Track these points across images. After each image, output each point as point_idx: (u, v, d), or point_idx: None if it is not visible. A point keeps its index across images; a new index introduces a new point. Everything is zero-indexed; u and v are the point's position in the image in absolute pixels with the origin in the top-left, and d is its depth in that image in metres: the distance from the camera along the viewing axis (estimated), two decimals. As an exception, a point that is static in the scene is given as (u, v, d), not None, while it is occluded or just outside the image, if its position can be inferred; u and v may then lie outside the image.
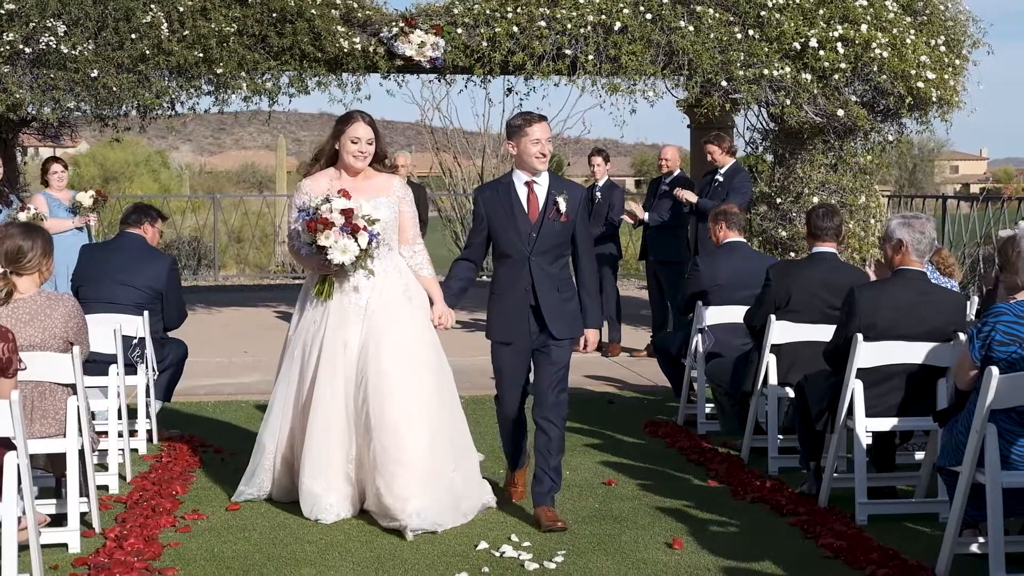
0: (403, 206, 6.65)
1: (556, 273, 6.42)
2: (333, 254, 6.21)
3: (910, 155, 62.95)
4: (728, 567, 5.65)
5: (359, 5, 12.12)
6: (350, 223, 6.20)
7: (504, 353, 6.46)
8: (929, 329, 6.44)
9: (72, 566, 5.48)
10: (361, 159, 6.54)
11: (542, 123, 6.38)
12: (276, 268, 24.27)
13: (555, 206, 6.33)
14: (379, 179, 6.64)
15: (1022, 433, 5.29)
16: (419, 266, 6.69)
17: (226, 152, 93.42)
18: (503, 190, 6.45)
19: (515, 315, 6.38)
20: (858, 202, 12.77)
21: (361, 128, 6.53)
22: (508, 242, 6.39)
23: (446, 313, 6.62)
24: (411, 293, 6.57)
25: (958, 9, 12.91)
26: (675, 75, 12.33)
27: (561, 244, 6.42)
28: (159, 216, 8.69)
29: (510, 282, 6.41)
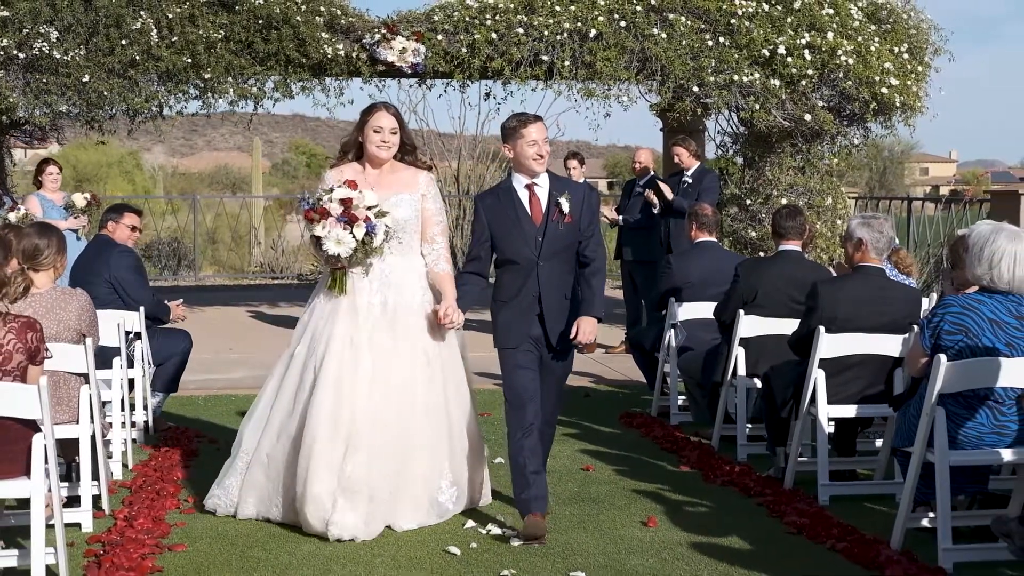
0: (426, 203, 6.40)
1: (564, 279, 6.19)
2: (327, 245, 6.01)
3: (880, 157, 63.69)
4: (699, 542, 6.06)
5: (342, 12, 12.49)
6: (348, 213, 5.98)
7: (513, 358, 6.18)
8: (886, 322, 6.87)
9: (87, 543, 5.85)
10: (385, 149, 6.32)
11: (538, 123, 6.19)
12: (255, 269, 24.56)
13: (557, 207, 6.12)
14: (405, 173, 6.42)
15: (968, 416, 5.72)
16: (434, 261, 6.41)
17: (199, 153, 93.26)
18: (504, 195, 6.24)
19: (522, 322, 6.15)
20: (825, 203, 13.22)
21: (384, 118, 6.32)
22: (514, 249, 6.16)
23: (454, 310, 6.29)
24: (427, 305, 6.34)
25: (920, 18, 13.39)
26: (648, 80, 12.75)
27: (568, 247, 6.18)
28: (125, 211, 8.78)
29: (516, 289, 6.16)
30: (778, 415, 7.31)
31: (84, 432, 6.04)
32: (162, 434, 8.48)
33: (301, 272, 22.90)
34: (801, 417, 7.05)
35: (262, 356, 12.14)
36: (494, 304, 6.27)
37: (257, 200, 28.56)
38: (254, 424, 6.44)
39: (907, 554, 5.73)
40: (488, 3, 12.56)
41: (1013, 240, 5.68)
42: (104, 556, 5.52)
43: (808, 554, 5.90)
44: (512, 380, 6.18)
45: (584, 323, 6.14)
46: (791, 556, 5.86)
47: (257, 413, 6.47)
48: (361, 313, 6.20)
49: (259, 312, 16.33)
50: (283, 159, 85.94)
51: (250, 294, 19.01)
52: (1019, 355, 5.66)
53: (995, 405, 5.71)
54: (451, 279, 6.39)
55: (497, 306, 6.26)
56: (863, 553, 5.78)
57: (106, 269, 8.34)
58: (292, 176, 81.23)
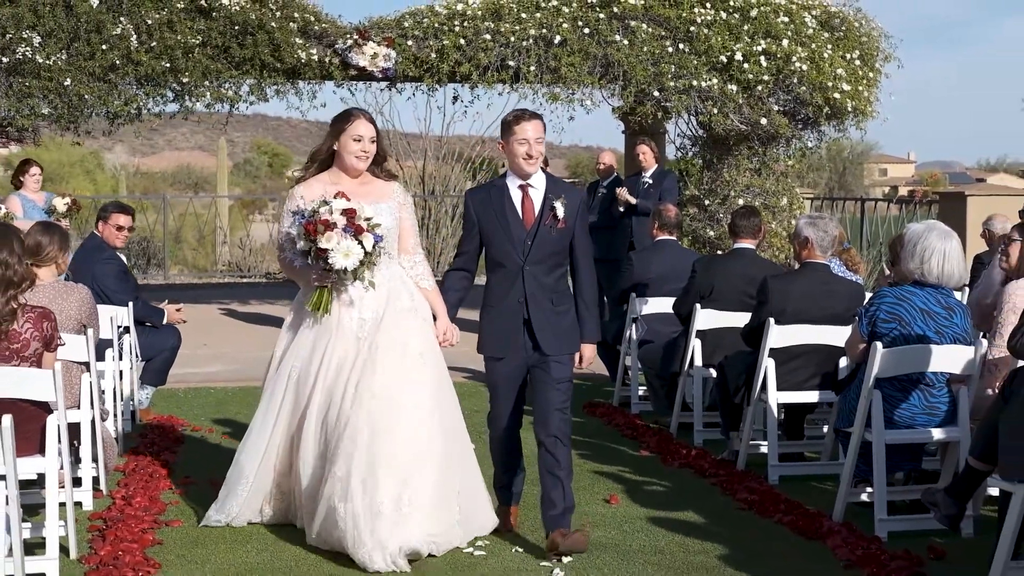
0: (403, 212, 6.17)
1: (552, 284, 5.95)
2: (335, 258, 5.72)
3: (840, 158, 64.56)
4: (657, 517, 6.56)
5: (316, 18, 12.88)
6: (353, 224, 5.74)
7: (497, 369, 6.01)
8: (831, 314, 7.38)
9: (89, 519, 6.28)
10: (364, 159, 6.04)
11: (532, 121, 5.91)
12: (223, 267, 24.86)
13: (552, 211, 5.87)
14: (377, 184, 6.15)
15: (902, 398, 6.27)
16: (420, 277, 6.21)
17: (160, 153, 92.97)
18: (496, 194, 5.97)
19: (508, 329, 5.94)
20: (780, 204, 13.75)
21: (363, 126, 6.01)
22: (501, 250, 5.93)
23: (450, 329, 6.16)
24: (416, 305, 6.11)
25: (871, 26, 13.93)
26: (611, 85, 13.23)
27: (558, 252, 5.95)
28: (113, 211, 9.09)
29: (503, 293, 5.94)
30: (732, 402, 7.82)
31: (85, 417, 6.46)
32: (148, 423, 8.88)
33: (269, 271, 23.28)
34: (753, 403, 7.55)
35: (235, 352, 12.62)
36: (483, 309, 6.06)
37: (222, 200, 28.85)
38: (253, 451, 6.20)
39: (847, 525, 6.26)
40: (457, 10, 13.01)
41: (943, 239, 6.22)
42: (107, 531, 5.97)
43: (757, 527, 6.42)
44: (494, 391, 6.09)
45: (585, 350, 6.06)
46: (742, 529, 6.37)
47: (254, 440, 6.23)
48: (350, 331, 5.96)
49: (230, 309, 16.71)
50: (245, 159, 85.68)
51: (220, 292, 19.36)
52: (947, 342, 6.22)
53: (926, 388, 6.27)
54: (439, 295, 6.21)
55: (485, 311, 6.04)
56: (808, 525, 6.30)
57: (91, 277, 8.57)
58: (254, 176, 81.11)
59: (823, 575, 5.62)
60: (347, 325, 5.97)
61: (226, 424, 9.11)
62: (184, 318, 9.38)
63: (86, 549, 5.78)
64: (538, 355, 5.93)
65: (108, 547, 5.68)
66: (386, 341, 5.90)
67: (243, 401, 10.04)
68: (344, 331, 5.97)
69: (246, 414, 9.36)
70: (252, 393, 10.26)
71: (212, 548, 5.93)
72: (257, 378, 10.89)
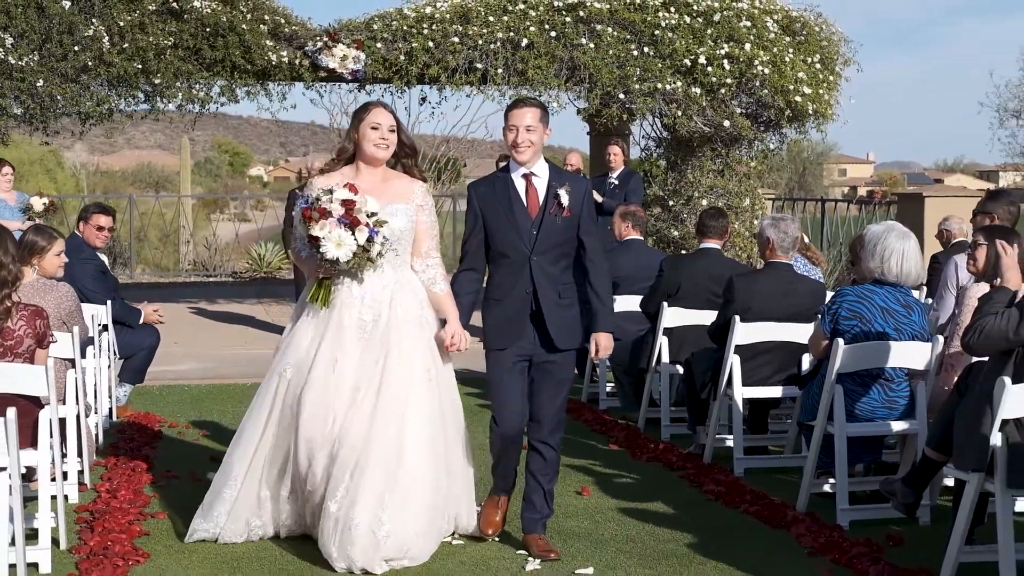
0: (421, 215, 5.96)
1: (558, 276, 5.84)
2: (326, 247, 5.60)
3: (800, 159, 65.15)
4: (627, 507, 6.79)
5: (286, 21, 13.06)
6: (349, 216, 5.60)
7: (502, 360, 5.85)
8: (794, 312, 7.64)
9: (75, 512, 6.43)
10: (383, 148, 5.88)
11: (521, 109, 5.84)
12: (188, 267, 24.89)
13: (556, 199, 5.78)
14: (400, 183, 5.99)
15: (863, 392, 6.53)
16: (431, 280, 5.98)
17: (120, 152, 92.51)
18: (500, 184, 5.88)
19: (514, 321, 5.81)
20: (743, 204, 14.04)
21: (381, 114, 5.91)
22: (506, 241, 5.82)
23: (460, 334, 5.92)
24: (425, 314, 5.94)
25: (831, 31, 14.25)
26: (577, 87, 13.48)
27: (564, 242, 5.85)
28: (93, 212, 9.24)
29: (509, 285, 5.83)
30: (698, 397, 8.05)
31: (70, 412, 6.61)
32: (126, 419, 9.02)
33: (235, 270, 23.37)
34: (719, 399, 7.79)
35: (207, 350, 12.76)
36: (485, 303, 5.94)
37: (186, 199, 28.88)
38: (241, 453, 6.00)
39: (810, 515, 6.51)
40: (425, 13, 13.22)
41: (902, 239, 6.50)
42: (95, 522, 6.13)
43: (724, 516, 6.66)
44: (497, 385, 5.90)
45: (601, 339, 5.95)
46: (710, 519, 6.61)
47: (243, 442, 6.02)
48: (349, 332, 5.79)
49: (199, 308, 16.81)
50: (206, 157, 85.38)
51: (187, 291, 19.42)
52: (906, 339, 6.49)
53: (886, 383, 6.53)
54: (452, 299, 5.98)
55: (488, 305, 5.91)
56: (772, 515, 6.55)
57: (70, 277, 8.74)
58: (215, 175, 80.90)
59: (787, 562, 5.85)
60: (347, 325, 5.79)
61: (203, 420, 9.26)
62: (162, 319, 9.52)
63: (75, 540, 5.94)
64: (543, 351, 5.83)
65: (97, 538, 5.84)
66: (394, 357, 5.75)
67: (217, 398, 10.22)
68: (343, 331, 5.79)
69: (221, 411, 9.60)
70: (226, 390, 10.51)
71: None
72: (230, 376, 11.22)
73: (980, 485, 5.29)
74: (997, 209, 7.68)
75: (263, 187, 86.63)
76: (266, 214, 33.74)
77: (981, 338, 5.24)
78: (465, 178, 38.46)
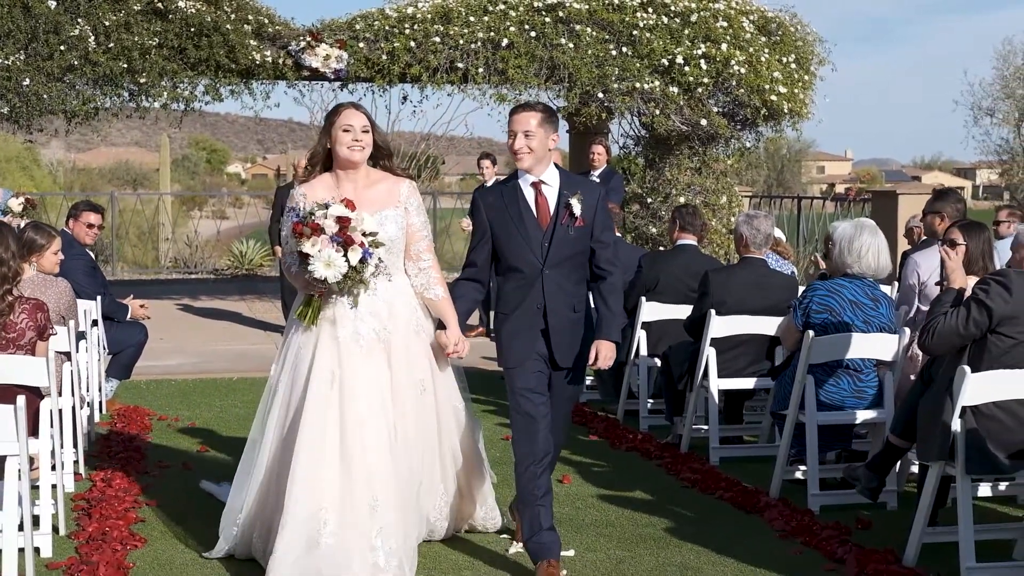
0: (410, 217, 5.66)
1: (572, 290, 5.56)
2: (315, 266, 5.27)
3: (778, 156, 65.63)
4: (607, 495, 7.03)
5: (270, 21, 13.28)
6: (343, 234, 5.27)
7: (519, 375, 5.54)
8: (768, 305, 7.88)
9: (72, 500, 6.63)
10: (357, 150, 5.54)
11: (520, 114, 5.56)
12: (169, 264, 25.02)
13: (567, 209, 5.49)
14: (384, 184, 5.67)
15: (833, 382, 6.80)
16: (425, 286, 5.69)
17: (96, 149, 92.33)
18: (508, 193, 5.58)
19: (526, 337, 5.53)
20: (720, 202, 14.32)
21: (353, 115, 5.57)
22: (517, 254, 5.52)
23: (461, 340, 5.68)
24: (420, 323, 5.68)
25: (806, 31, 14.55)
26: (556, 86, 13.73)
27: (577, 254, 5.55)
28: (84, 210, 9.44)
29: (519, 300, 5.54)
30: (675, 389, 8.30)
31: (67, 403, 6.80)
32: (116, 411, 9.21)
33: (217, 267, 23.52)
34: (695, 390, 8.03)
35: (193, 345, 12.93)
36: (496, 318, 5.70)
37: (168, 196, 29.02)
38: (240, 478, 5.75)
39: (783, 500, 6.76)
40: (407, 13, 13.45)
41: (874, 235, 6.80)
42: (92, 509, 6.33)
43: (700, 502, 6.90)
44: (519, 405, 5.54)
45: (603, 347, 5.59)
46: (686, 505, 6.85)
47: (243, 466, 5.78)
48: (345, 345, 5.48)
49: (184, 305, 16.98)
50: (183, 155, 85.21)
51: (168, 288, 19.58)
52: (874, 331, 6.76)
53: (855, 373, 6.80)
54: (450, 304, 5.70)
55: (500, 319, 5.65)
56: (746, 501, 6.79)
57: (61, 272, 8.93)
58: (193, 172, 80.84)
59: (760, 544, 6.09)
60: (343, 338, 5.48)
61: (191, 413, 9.44)
62: (148, 314, 9.70)
63: (73, 526, 6.15)
64: (550, 367, 5.58)
65: (95, 524, 6.04)
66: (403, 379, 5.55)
67: (205, 392, 10.41)
68: (340, 345, 5.47)
69: (208, 404, 9.81)
70: (213, 384, 10.70)
71: (194, 525, 6.28)
72: (216, 371, 11.43)
73: (941, 471, 5.55)
74: (946, 208, 7.96)
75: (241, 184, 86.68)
76: (246, 211, 33.89)
77: (935, 338, 5.54)
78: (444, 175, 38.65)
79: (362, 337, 5.49)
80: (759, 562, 5.79)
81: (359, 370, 5.46)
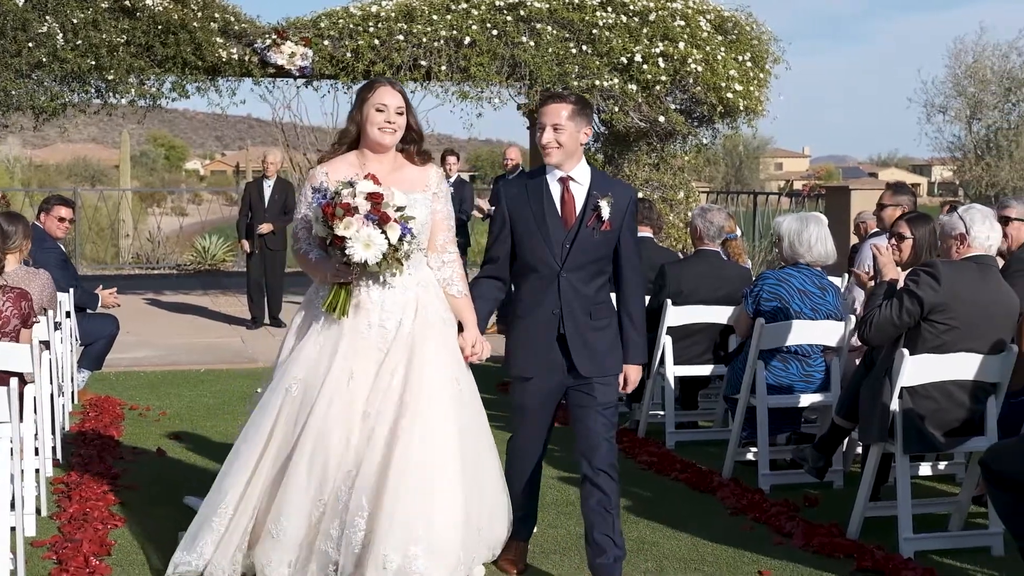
0: (437, 204, 5.24)
1: (591, 295, 5.16)
2: (354, 248, 4.84)
3: (736, 153, 66.21)
4: (567, 476, 7.32)
5: (235, 19, 13.46)
6: (378, 211, 4.86)
7: (527, 390, 5.25)
8: (722, 295, 8.20)
9: (52, 484, 6.85)
10: (389, 133, 5.14)
11: (550, 105, 5.16)
12: (131, 260, 25.10)
13: (596, 211, 5.12)
14: (412, 171, 5.25)
15: (783, 368, 7.14)
16: (447, 281, 5.26)
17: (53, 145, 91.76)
18: (533, 187, 5.21)
19: (541, 344, 5.17)
20: (677, 197, 14.65)
21: (388, 94, 5.14)
22: (535, 253, 5.16)
23: (481, 343, 5.28)
24: (446, 316, 5.22)
25: (762, 30, 14.89)
26: (518, 83, 14.00)
27: (600, 259, 5.18)
28: (55, 204, 9.57)
29: (535, 303, 5.18)
30: (633, 376, 8.59)
31: (45, 390, 7.02)
32: (88, 401, 9.42)
33: (179, 263, 23.66)
34: (652, 377, 8.34)
35: (160, 339, 13.12)
36: (510, 321, 5.35)
37: (129, 192, 29.11)
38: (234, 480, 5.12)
39: (734, 480, 7.09)
40: (371, 11, 13.68)
41: (819, 225, 7.15)
42: (72, 492, 6.56)
43: (656, 483, 7.22)
44: (522, 417, 5.32)
45: (631, 373, 5.31)
46: (643, 485, 7.16)
47: (237, 468, 5.14)
48: (368, 340, 5.04)
49: (150, 299, 17.13)
50: (141, 151, 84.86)
51: (131, 283, 19.71)
52: (822, 318, 7.10)
53: (803, 358, 7.13)
54: (470, 304, 5.30)
55: (512, 323, 5.30)
56: (700, 481, 7.11)
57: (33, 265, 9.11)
58: (151, 168, 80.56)
59: (713, 520, 6.41)
60: (365, 334, 5.05)
61: (162, 403, 9.65)
62: (119, 302, 9.91)
63: (55, 508, 6.38)
64: (574, 376, 5.19)
65: (76, 505, 6.28)
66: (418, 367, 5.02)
67: (174, 383, 10.62)
68: (361, 341, 5.04)
69: (178, 394, 10.02)
70: (182, 376, 10.93)
71: (171, 506, 6.49)
72: (185, 363, 11.64)
73: (882, 450, 5.90)
74: (905, 199, 8.33)
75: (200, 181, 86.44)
76: (208, 207, 33.99)
77: (873, 329, 5.88)
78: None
79: (388, 332, 5.05)
80: (712, 537, 6.11)
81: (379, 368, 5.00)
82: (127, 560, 5.64)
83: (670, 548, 5.97)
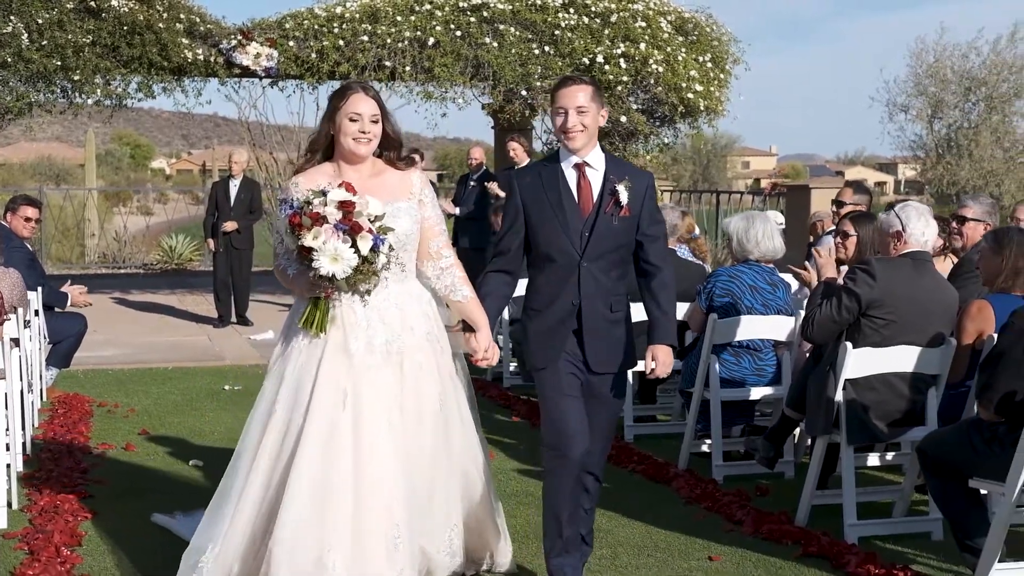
0: (425, 211, 4.97)
1: (610, 286, 5.00)
2: (320, 261, 4.56)
3: (703, 152, 66.65)
4: (528, 469, 7.52)
5: (201, 20, 13.61)
6: (349, 220, 4.57)
7: (547, 380, 5.03)
8: (679, 292, 8.37)
9: (21, 479, 6.98)
10: (364, 143, 4.85)
11: (570, 87, 4.95)
12: (97, 259, 25.10)
13: (613, 196, 4.95)
14: (392, 176, 4.96)
15: (735, 361, 7.35)
16: (451, 288, 5.02)
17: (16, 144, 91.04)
18: (548, 175, 5.01)
19: (557, 336, 4.99)
20: (639, 196, 14.85)
21: (361, 101, 4.85)
22: (552, 243, 4.97)
23: (492, 347, 5.09)
24: (432, 329, 4.94)
25: (722, 31, 15.15)
26: (481, 84, 14.21)
27: (620, 247, 5.00)
28: (21, 204, 9.69)
29: (552, 295, 5.00)
30: (593, 371, 8.79)
31: (15, 387, 7.15)
32: (56, 398, 9.54)
33: (146, 262, 23.70)
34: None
35: (127, 338, 13.22)
36: (524, 314, 5.14)
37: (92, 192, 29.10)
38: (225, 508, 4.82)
39: (689, 471, 7.30)
40: (335, 12, 13.86)
41: (764, 221, 7.43)
42: (42, 486, 6.70)
43: (615, 475, 7.39)
44: (550, 410, 5.05)
45: (660, 352, 5.11)
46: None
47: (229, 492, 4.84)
48: (356, 357, 4.74)
49: (116, 298, 17.21)
50: (106, 150, 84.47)
51: (97, 283, 19.67)
52: (772, 313, 7.33)
53: (755, 353, 7.36)
54: (479, 306, 5.06)
55: (528, 316, 5.11)
56: (656, 472, 7.33)
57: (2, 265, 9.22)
58: (116, 167, 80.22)
59: (668, 510, 6.62)
60: (355, 351, 4.76)
61: (130, 400, 9.77)
62: (89, 301, 10.02)
63: (25, 501, 6.51)
64: (586, 371, 5.04)
65: (46, 499, 6.42)
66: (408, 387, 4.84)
67: (141, 381, 10.75)
68: (351, 357, 4.75)
69: (146, 391, 10.16)
70: (149, 374, 11.05)
71: (140, 499, 6.64)
72: (152, 361, 11.77)
73: (828, 441, 6.12)
74: (863, 198, 8.57)
75: (166, 180, 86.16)
76: (174, 207, 33.99)
77: (816, 328, 6.12)
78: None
79: (375, 349, 4.77)
80: (665, 525, 6.31)
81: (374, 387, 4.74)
82: (97, 550, 5.79)
83: (624, 535, 6.17)
